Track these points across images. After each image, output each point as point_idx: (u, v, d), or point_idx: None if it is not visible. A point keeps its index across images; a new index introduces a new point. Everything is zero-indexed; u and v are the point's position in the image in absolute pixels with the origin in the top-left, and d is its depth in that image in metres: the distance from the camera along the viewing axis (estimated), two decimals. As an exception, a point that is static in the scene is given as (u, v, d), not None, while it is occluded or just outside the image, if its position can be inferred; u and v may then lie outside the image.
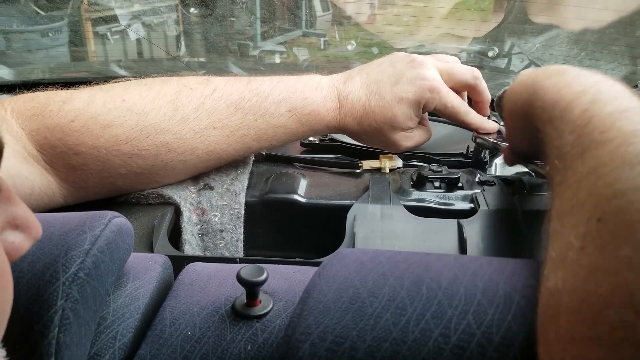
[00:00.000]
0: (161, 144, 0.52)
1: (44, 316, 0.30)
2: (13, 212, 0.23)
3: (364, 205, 0.54)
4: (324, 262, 0.32)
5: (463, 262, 0.30)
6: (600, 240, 0.24)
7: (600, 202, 0.26)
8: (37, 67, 1.10)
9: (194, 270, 0.40)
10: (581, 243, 0.25)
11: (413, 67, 0.58)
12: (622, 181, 0.25)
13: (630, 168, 0.26)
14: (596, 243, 0.24)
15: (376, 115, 0.58)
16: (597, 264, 0.23)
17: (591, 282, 0.23)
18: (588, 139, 0.31)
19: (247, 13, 1.26)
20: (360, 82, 0.59)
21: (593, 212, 0.26)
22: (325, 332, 0.27)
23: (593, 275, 0.23)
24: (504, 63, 1.03)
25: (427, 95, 0.58)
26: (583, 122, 0.33)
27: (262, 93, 0.56)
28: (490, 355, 0.25)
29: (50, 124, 0.50)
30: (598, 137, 0.30)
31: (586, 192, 0.28)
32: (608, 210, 0.25)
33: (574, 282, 0.24)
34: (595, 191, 0.27)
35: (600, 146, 0.29)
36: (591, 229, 0.25)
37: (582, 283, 0.23)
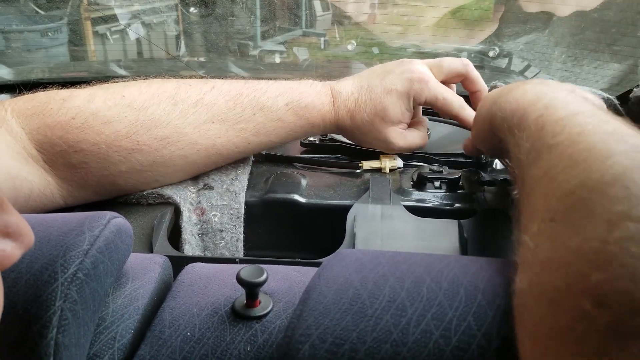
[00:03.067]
0: (161, 138, 0.53)
1: (43, 317, 0.29)
2: (5, 220, 0.23)
3: (364, 206, 0.54)
4: (324, 262, 0.31)
5: (463, 263, 0.30)
6: (552, 237, 0.25)
7: (551, 203, 0.27)
8: (37, 67, 1.10)
9: (194, 271, 0.40)
10: (535, 242, 0.26)
11: (402, 64, 0.61)
12: (570, 180, 0.26)
13: (576, 166, 0.27)
14: (548, 240, 0.25)
15: (367, 107, 0.59)
16: (549, 258, 0.24)
17: (546, 275, 0.23)
18: (541, 144, 0.32)
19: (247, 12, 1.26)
20: (352, 80, 0.62)
21: (545, 214, 0.26)
22: (325, 334, 0.26)
23: (547, 269, 0.24)
24: (504, 63, 1.03)
25: (416, 85, 0.59)
26: (537, 128, 0.34)
27: (260, 89, 0.57)
28: (490, 356, 0.25)
29: (50, 122, 0.50)
30: (550, 141, 0.31)
31: (540, 195, 0.29)
32: (558, 209, 0.26)
33: (532, 278, 0.24)
34: (547, 193, 0.28)
35: (552, 149, 0.30)
36: (544, 229, 0.26)
37: (538, 278, 0.24)
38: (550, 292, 0.23)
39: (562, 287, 0.22)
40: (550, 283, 0.23)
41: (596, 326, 0.20)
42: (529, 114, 0.36)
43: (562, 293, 0.22)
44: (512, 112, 0.39)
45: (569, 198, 0.26)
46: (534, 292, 0.24)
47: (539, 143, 0.32)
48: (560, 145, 0.30)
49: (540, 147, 0.32)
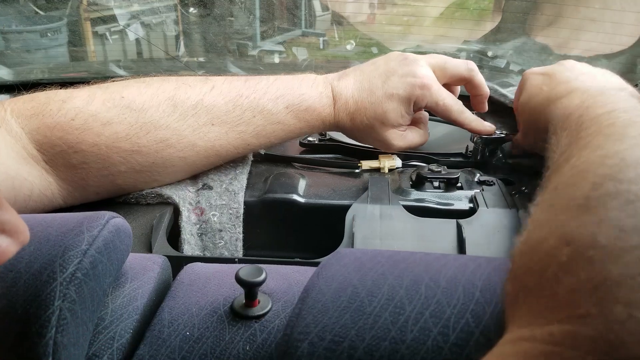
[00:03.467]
0: (160, 140, 0.52)
1: (42, 316, 0.29)
2: (0, 217, 0.23)
3: (363, 205, 0.54)
4: (323, 262, 0.32)
5: (462, 261, 0.30)
6: (549, 201, 0.28)
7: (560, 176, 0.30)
8: (36, 67, 1.10)
9: (193, 271, 0.40)
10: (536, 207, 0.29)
11: (405, 64, 0.59)
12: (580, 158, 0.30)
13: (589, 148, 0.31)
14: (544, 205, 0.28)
15: (367, 111, 0.58)
16: (541, 217, 0.27)
17: (535, 231, 0.26)
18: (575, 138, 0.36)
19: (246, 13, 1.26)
20: (353, 79, 0.60)
21: (553, 184, 0.30)
22: (324, 332, 0.27)
23: (537, 225, 0.27)
24: (503, 62, 1.03)
25: (418, 92, 0.58)
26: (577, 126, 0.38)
27: (260, 90, 0.56)
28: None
29: (50, 123, 0.50)
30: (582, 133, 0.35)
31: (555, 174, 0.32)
32: (563, 180, 0.29)
33: (522, 239, 0.27)
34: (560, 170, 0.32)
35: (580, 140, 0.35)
36: (546, 196, 0.29)
37: (529, 233, 0.26)
38: (534, 242, 0.25)
39: (543, 237, 0.25)
40: (536, 236, 0.25)
41: (558, 258, 0.23)
42: (573, 114, 0.41)
43: (542, 240, 0.25)
44: (560, 117, 0.43)
45: (573, 170, 0.29)
46: (521, 246, 0.26)
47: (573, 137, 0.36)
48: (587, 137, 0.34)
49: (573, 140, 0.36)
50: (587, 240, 0.22)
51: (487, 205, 0.53)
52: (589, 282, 0.21)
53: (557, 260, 0.23)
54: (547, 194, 0.29)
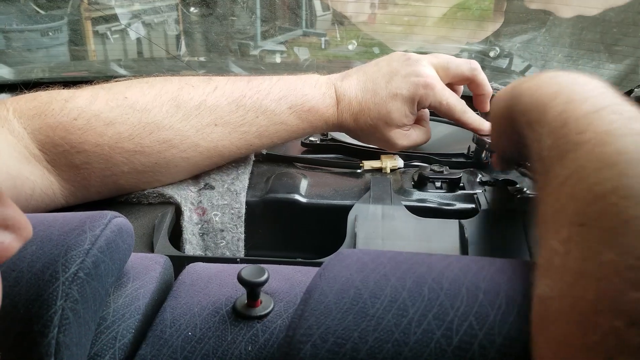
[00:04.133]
0: (164, 141, 0.52)
1: (44, 316, 0.29)
2: (3, 213, 0.23)
3: (365, 206, 0.54)
4: (325, 262, 0.31)
5: (465, 262, 0.30)
6: (584, 245, 0.24)
7: (582, 207, 0.26)
8: (37, 66, 1.10)
9: (195, 271, 0.40)
10: (565, 248, 0.25)
11: (408, 64, 0.59)
12: (602, 184, 0.25)
13: (608, 169, 0.26)
14: (580, 248, 0.24)
15: (371, 112, 0.58)
16: (582, 269, 0.23)
17: (578, 288, 0.23)
18: (565, 141, 0.31)
19: (248, 12, 1.26)
20: (356, 80, 0.60)
21: (575, 217, 0.26)
22: (327, 333, 0.26)
23: (579, 280, 0.23)
24: (505, 63, 1.03)
25: (421, 91, 0.58)
26: (559, 124, 0.33)
27: (263, 91, 0.56)
28: (492, 356, 0.25)
29: (53, 123, 0.50)
30: (574, 138, 0.30)
31: (567, 196, 0.27)
32: (590, 214, 0.25)
33: (562, 287, 0.23)
34: (576, 195, 0.27)
35: (578, 148, 0.29)
36: (573, 234, 0.25)
37: (569, 289, 0.23)
38: (582, 305, 0.22)
39: (594, 302, 0.22)
40: (582, 296, 0.22)
41: (627, 345, 0.20)
42: (549, 109, 0.35)
43: (594, 308, 0.22)
44: (531, 106, 0.38)
45: (601, 203, 0.25)
46: (564, 303, 0.23)
47: (563, 140, 0.31)
48: (587, 144, 0.29)
49: (564, 145, 0.31)
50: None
51: (489, 205, 0.53)
52: None
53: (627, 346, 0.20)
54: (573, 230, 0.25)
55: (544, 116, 0.35)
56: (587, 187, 0.26)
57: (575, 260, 0.24)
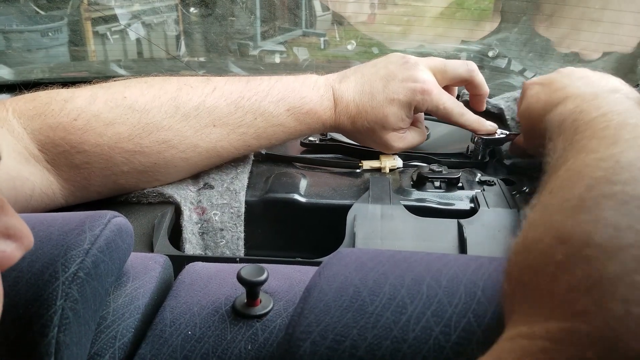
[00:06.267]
0: (163, 141, 0.53)
1: (44, 316, 0.29)
2: (5, 222, 0.24)
3: (364, 205, 0.54)
4: (324, 261, 0.32)
5: (463, 261, 0.30)
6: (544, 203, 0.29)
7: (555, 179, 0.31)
8: (37, 67, 1.10)
9: (194, 270, 0.40)
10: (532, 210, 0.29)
11: (406, 68, 0.59)
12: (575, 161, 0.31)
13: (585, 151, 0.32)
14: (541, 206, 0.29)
15: (368, 115, 0.59)
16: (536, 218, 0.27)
17: (530, 231, 0.27)
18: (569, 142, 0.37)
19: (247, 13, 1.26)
20: (354, 82, 0.60)
21: (548, 188, 0.30)
22: (326, 331, 0.27)
23: (532, 226, 0.27)
24: (504, 63, 1.03)
25: (418, 97, 0.58)
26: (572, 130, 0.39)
27: (261, 92, 0.56)
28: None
29: (52, 123, 0.50)
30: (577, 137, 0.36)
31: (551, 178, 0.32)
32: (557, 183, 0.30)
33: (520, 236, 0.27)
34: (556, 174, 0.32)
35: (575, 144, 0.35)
36: (542, 199, 0.29)
37: (525, 233, 0.27)
38: (530, 242, 0.26)
39: (538, 237, 0.25)
40: (531, 236, 0.26)
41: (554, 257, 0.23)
42: (567, 119, 0.42)
43: (537, 240, 0.25)
44: (556, 124, 0.45)
45: (568, 173, 0.30)
46: (517, 246, 0.27)
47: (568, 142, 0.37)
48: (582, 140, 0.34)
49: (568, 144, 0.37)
50: (582, 239, 0.23)
51: (488, 205, 0.53)
52: (585, 280, 0.21)
53: (553, 259, 0.23)
54: (543, 197, 0.30)
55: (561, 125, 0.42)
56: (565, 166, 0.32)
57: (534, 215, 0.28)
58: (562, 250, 0.23)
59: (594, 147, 0.32)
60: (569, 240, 0.23)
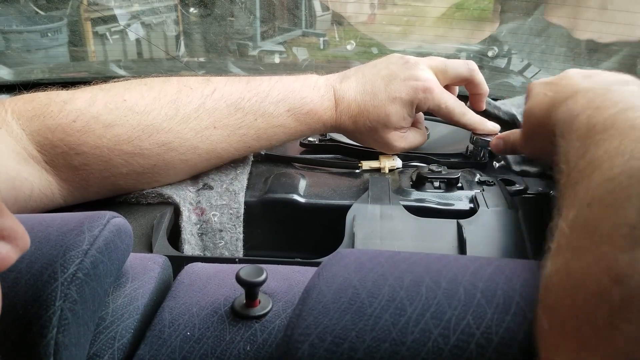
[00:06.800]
0: (163, 144, 0.52)
1: (43, 316, 0.29)
2: (1, 223, 0.23)
3: (364, 206, 0.54)
4: (323, 262, 0.32)
5: (462, 262, 0.30)
6: (586, 221, 0.25)
7: (591, 189, 0.27)
8: (37, 67, 1.10)
9: (193, 271, 0.40)
10: (570, 229, 0.26)
11: (407, 67, 0.59)
12: (613, 168, 0.26)
13: (621, 156, 0.27)
14: (582, 225, 0.25)
15: (370, 114, 0.59)
16: (580, 244, 0.24)
17: (574, 261, 0.24)
18: (590, 140, 0.33)
19: (247, 13, 1.26)
20: (355, 82, 0.60)
21: (583, 199, 0.27)
22: (325, 333, 0.27)
23: (577, 254, 0.24)
24: (503, 63, 1.03)
25: (420, 95, 0.58)
26: (588, 127, 0.35)
27: (262, 93, 0.56)
28: (489, 355, 0.25)
29: (51, 125, 0.50)
30: (598, 136, 0.32)
31: (582, 185, 0.29)
32: (597, 195, 0.26)
33: (561, 263, 0.25)
34: (590, 181, 0.28)
35: (600, 144, 0.31)
36: (580, 214, 0.26)
37: (567, 263, 0.24)
38: (576, 275, 0.23)
39: (587, 267, 0.22)
40: (577, 267, 0.23)
41: (609, 301, 0.20)
42: (580, 115, 0.38)
43: (585, 275, 0.22)
44: (566, 120, 0.41)
45: (609, 184, 0.26)
46: (560, 275, 0.24)
47: (589, 140, 0.33)
48: (608, 140, 0.30)
49: (589, 143, 0.32)
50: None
51: (488, 205, 0.53)
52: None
53: (608, 303, 0.20)
54: (580, 211, 0.26)
55: (575, 122, 0.38)
56: (600, 173, 0.27)
57: (577, 238, 0.25)
58: (619, 293, 0.20)
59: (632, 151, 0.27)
60: (624, 282, 0.20)
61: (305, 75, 0.61)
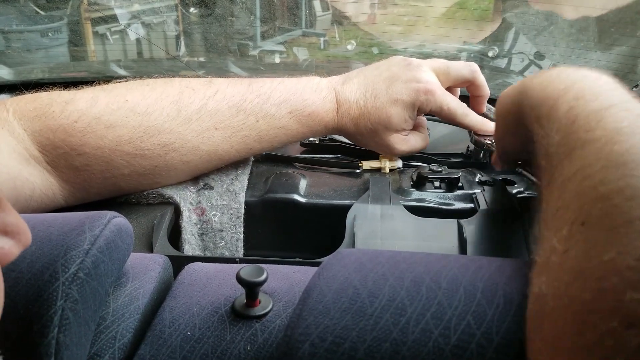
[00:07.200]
0: (164, 145, 0.53)
1: (44, 316, 0.29)
2: (2, 218, 0.24)
3: (364, 205, 0.54)
4: (324, 262, 0.32)
5: (463, 262, 0.30)
6: (584, 243, 0.23)
7: (585, 205, 0.25)
8: (37, 67, 1.10)
9: (194, 271, 0.40)
10: (564, 246, 0.24)
11: (409, 69, 0.59)
12: (607, 183, 0.25)
13: (615, 169, 0.25)
14: (580, 246, 0.23)
15: (371, 116, 0.59)
16: (581, 268, 0.23)
17: (575, 287, 0.22)
18: (574, 138, 0.30)
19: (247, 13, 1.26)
20: (357, 84, 0.60)
21: (577, 215, 0.25)
22: (325, 333, 0.27)
23: (577, 279, 0.22)
24: (504, 63, 1.03)
25: (422, 97, 0.58)
26: (568, 121, 0.32)
27: (263, 95, 0.56)
28: (490, 355, 0.25)
29: (53, 125, 0.50)
30: (583, 136, 0.30)
31: (572, 193, 0.27)
32: (593, 213, 0.24)
33: (558, 286, 0.23)
34: (580, 193, 0.26)
35: (586, 145, 0.29)
36: (575, 232, 0.24)
37: (566, 287, 0.23)
38: (578, 305, 0.22)
39: (591, 302, 0.21)
40: (579, 296, 0.22)
41: (625, 347, 0.19)
42: (559, 105, 0.34)
43: (590, 308, 0.21)
44: (541, 101, 0.37)
45: (605, 203, 0.24)
46: (560, 302, 0.23)
47: (572, 137, 0.31)
48: (596, 142, 0.28)
49: (573, 142, 0.30)
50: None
51: (488, 205, 0.53)
52: None
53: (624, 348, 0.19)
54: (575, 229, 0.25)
55: (553, 112, 0.35)
56: (592, 186, 0.25)
57: (574, 259, 0.23)
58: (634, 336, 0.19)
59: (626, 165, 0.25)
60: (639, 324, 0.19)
61: (307, 77, 0.61)
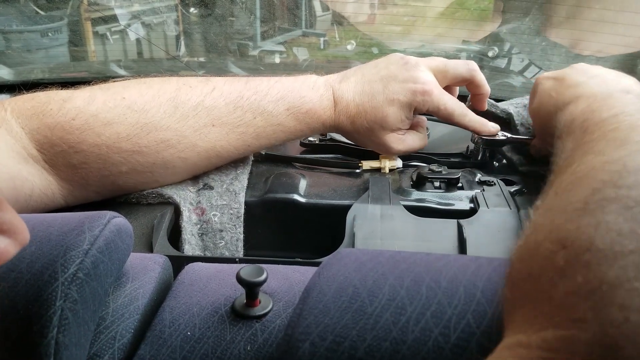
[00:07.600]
0: (161, 141, 0.53)
1: (43, 316, 0.29)
2: (0, 217, 0.23)
3: (364, 205, 0.54)
4: (324, 262, 0.32)
5: (463, 262, 0.30)
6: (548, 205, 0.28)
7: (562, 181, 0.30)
8: (37, 67, 1.10)
9: (194, 271, 0.40)
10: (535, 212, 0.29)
11: (406, 69, 0.59)
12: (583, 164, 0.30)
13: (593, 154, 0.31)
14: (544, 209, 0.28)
15: (368, 115, 0.59)
16: (540, 221, 0.27)
17: (533, 234, 0.26)
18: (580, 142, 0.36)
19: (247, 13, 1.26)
20: (354, 82, 0.60)
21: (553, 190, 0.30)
22: (325, 332, 0.27)
23: (534, 231, 0.26)
24: (504, 63, 1.03)
25: (419, 98, 0.58)
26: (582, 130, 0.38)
27: (261, 92, 0.56)
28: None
29: (51, 123, 0.50)
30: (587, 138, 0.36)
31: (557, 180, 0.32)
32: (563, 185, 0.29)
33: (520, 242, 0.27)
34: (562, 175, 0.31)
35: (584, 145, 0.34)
36: (547, 201, 0.29)
37: (527, 237, 0.26)
38: (532, 246, 0.25)
39: (540, 240, 0.25)
40: (534, 240, 0.25)
41: (555, 262, 0.22)
42: (577, 118, 0.41)
43: (538, 244, 0.25)
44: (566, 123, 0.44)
45: (574, 175, 0.29)
46: (520, 250, 0.26)
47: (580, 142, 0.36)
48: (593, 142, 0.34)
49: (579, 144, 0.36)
50: (583, 244, 0.22)
51: (488, 205, 0.53)
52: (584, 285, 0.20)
53: (553, 264, 0.22)
54: (547, 199, 0.29)
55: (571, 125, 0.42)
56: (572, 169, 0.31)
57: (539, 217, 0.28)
58: (562, 255, 0.22)
59: (602, 149, 0.31)
60: (570, 245, 0.23)
61: (305, 75, 0.61)
